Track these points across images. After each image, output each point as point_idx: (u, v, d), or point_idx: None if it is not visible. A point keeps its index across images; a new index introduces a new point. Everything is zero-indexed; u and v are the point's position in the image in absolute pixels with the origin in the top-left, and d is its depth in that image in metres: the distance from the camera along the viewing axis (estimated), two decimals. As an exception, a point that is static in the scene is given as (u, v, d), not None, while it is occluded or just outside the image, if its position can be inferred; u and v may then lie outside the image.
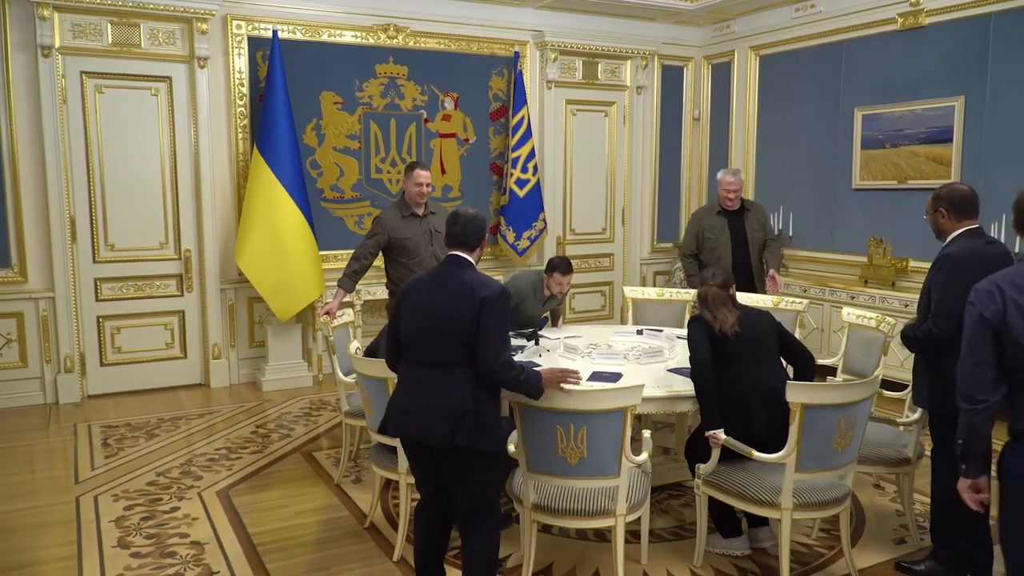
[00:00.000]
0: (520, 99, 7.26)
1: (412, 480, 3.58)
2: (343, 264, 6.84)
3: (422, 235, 4.97)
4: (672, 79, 8.35)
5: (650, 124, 8.25)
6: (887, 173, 6.67)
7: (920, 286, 3.56)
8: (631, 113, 8.12)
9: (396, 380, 3.19)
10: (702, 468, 3.44)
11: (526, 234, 7.34)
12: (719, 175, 5.87)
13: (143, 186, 6.29)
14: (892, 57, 6.58)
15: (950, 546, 3.41)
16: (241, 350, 6.71)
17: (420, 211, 4.98)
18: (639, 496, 3.20)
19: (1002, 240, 5.53)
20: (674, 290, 5.61)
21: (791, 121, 7.50)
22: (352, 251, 6.87)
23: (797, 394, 3.08)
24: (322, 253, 6.52)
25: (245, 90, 6.46)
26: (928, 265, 3.48)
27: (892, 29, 6.54)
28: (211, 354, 6.55)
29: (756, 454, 3.24)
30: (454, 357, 2.82)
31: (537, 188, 7.35)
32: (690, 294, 5.58)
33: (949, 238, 3.43)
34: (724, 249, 5.79)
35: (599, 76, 7.92)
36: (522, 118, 7.25)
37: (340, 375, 4.39)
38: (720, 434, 3.33)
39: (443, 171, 7.30)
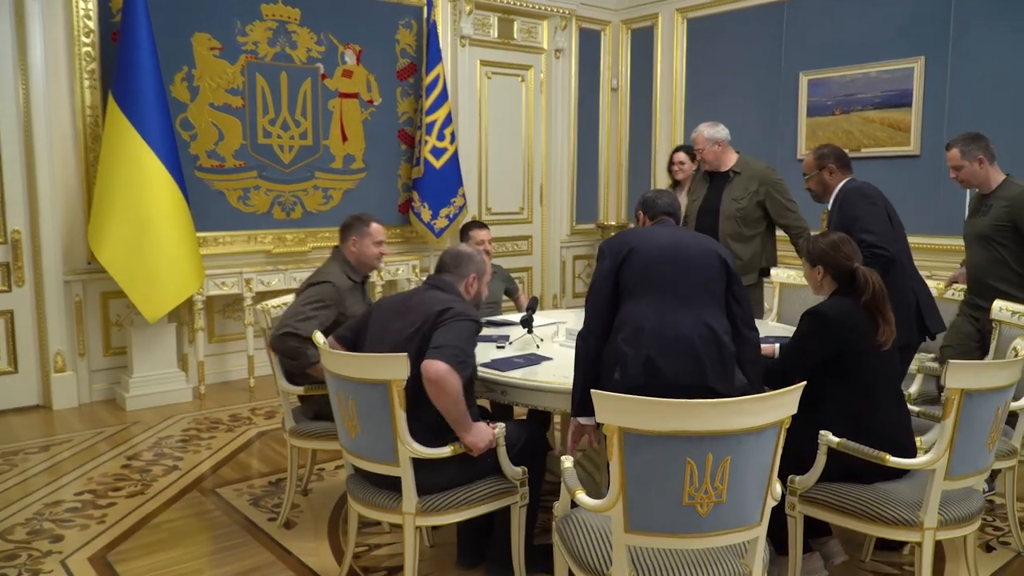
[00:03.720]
0: (434, 55, 6.22)
1: (423, 522, 2.55)
2: (223, 249, 5.59)
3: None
4: (590, 44, 7.58)
5: (568, 93, 7.43)
6: (837, 141, 6.17)
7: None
8: (549, 79, 7.27)
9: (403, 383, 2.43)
10: (798, 481, 2.61)
11: (444, 212, 6.31)
12: None
13: (-49, 146, 4.73)
14: (842, 17, 6.12)
15: None
16: (94, 360, 5.24)
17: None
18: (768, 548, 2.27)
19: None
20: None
21: (725, 90, 6.92)
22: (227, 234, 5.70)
23: (959, 377, 2.30)
24: (198, 235, 5.20)
25: (93, 25, 5.01)
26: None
27: (842, -14, 6.09)
28: (52, 366, 5.05)
29: (892, 459, 2.44)
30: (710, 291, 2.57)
31: (455, 159, 6.33)
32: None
33: (838, 188, 3.52)
34: (690, 220, 4.79)
35: (515, 35, 7.01)
36: (437, 76, 6.21)
37: (283, 383, 3.21)
38: (831, 436, 2.51)
39: (344, 137, 6.13)
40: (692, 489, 1.94)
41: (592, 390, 1.97)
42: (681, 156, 5.44)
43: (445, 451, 2.51)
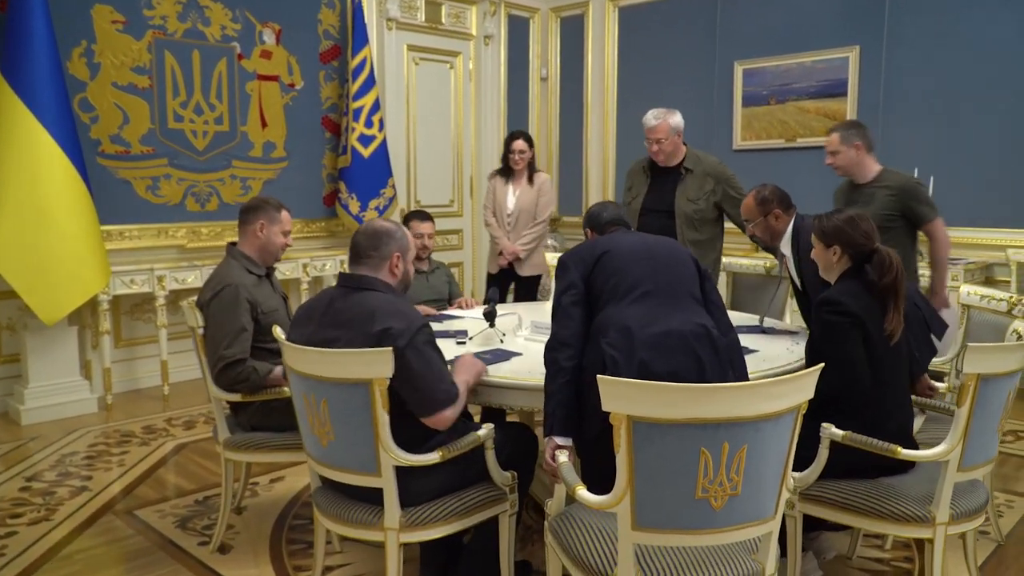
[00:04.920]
0: (360, 37, 5.85)
1: (408, 537, 2.25)
2: (131, 244, 5.08)
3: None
4: (519, 32, 7.35)
5: (498, 81, 7.18)
6: (773, 132, 6.17)
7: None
8: (478, 67, 7.00)
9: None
10: (798, 477, 2.42)
11: (373, 203, 5.95)
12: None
13: None
14: (776, 5, 6.09)
15: None
16: (-18, 369, 4.66)
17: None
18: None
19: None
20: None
21: (659, 80, 6.81)
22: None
23: (976, 361, 2.15)
24: (102, 229, 4.69)
25: (-25, -9, 4.45)
26: None
27: (776, -25, 6.05)
28: (-68, 378, 4.46)
29: (904, 451, 2.28)
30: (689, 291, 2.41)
31: (384, 147, 5.98)
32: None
33: (789, 230, 3.21)
34: (631, 222, 4.38)
35: (443, 20, 6.71)
36: (364, 60, 5.85)
37: (215, 388, 2.83)
38: (834, 428, 2.33)
39: (263, 123, 5.68)
40: (706, 481, 1.77)
41: (599, 376, 1.78)
42: (522, 144, 5.08)
43: (433, 457, 2.22)
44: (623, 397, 1.73)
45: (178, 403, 4.89)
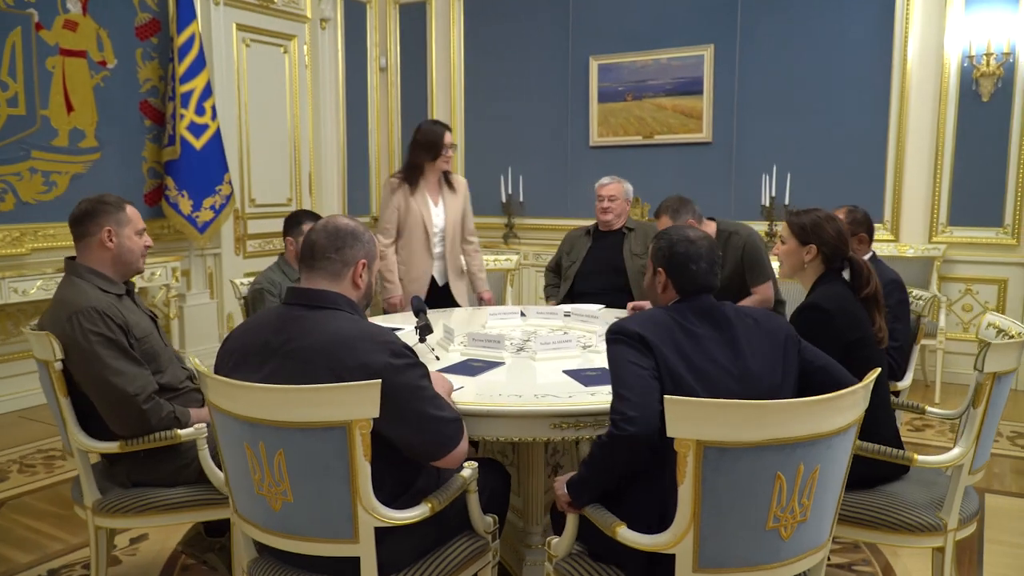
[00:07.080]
0: (187, 11, 5.07)
1: None
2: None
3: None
4: (356, 17, 6.80)
5: (336, 69, 6.59)
6: (630, 128, 6.13)
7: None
8: (314, 53, 6.37)
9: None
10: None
11: (208, 202, 5.18)
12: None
13: None
14: (630, 2, 6.03)
15: None
16: None
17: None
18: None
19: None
20: (494, 257, 4.24)
21: (510, 74, 6.56)
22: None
23: (998, 360, 2.05)
24: None
25: None
26: None
27: (629, -30, 6.00)
28: None
29: (920, 458, 2.14)
30: None
31: (218, 137, 5.23)
32: (511, 261, 4.30)
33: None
34: (566, 282, 4.02)
35: (275, -1, 6.03)
36: (192, 37, 5.07)
37: (81, 437, 2.16)
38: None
39: (69, 107, 4.75)
40: (778, 509, 1.60)
41: (666, 396, 1.53)
42: (451, 137, 3.86)
43: (421, 511, 1.78)
44: (692, 419, 1.52)
45: (-25, 450, 3.94)
